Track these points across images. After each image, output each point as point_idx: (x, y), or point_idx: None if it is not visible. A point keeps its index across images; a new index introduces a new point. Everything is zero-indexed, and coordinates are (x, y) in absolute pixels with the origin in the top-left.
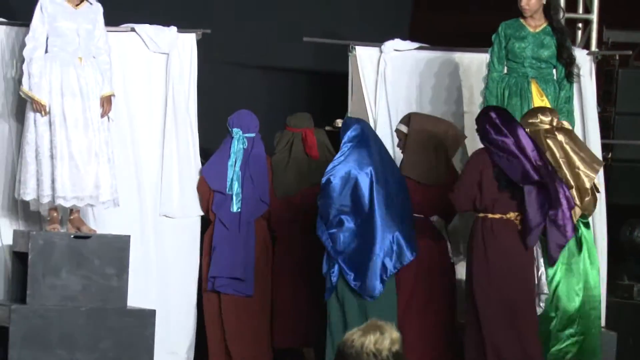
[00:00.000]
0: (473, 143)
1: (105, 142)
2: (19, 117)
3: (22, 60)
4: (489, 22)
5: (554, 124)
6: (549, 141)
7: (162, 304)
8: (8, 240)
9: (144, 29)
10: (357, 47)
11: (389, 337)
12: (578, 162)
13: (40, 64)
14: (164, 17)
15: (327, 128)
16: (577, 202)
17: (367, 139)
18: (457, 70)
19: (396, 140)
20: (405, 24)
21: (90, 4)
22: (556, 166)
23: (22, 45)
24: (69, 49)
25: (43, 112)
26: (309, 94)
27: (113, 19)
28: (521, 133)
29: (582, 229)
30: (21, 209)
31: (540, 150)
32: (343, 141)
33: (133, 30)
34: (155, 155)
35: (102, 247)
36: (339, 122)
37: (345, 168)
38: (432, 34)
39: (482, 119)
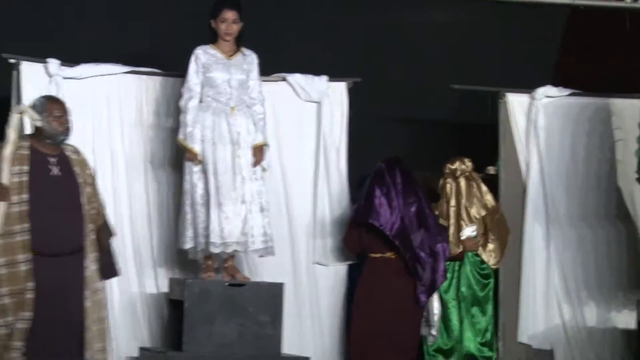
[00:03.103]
0: (628, 188)
1: (257, 191)
2: (176, 167)
3: (178, 111)
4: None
5: (457, 174)
6: (447, 187)
7: (316, 351)
8: (164, 288)
9: (295, 78)
10: (507, 95)
11: None
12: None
13: (193, 114)
14: (315, 66)
15: (479, 175)
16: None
17: None
18: (611, 116)
19: (546, 185)
20: (551, 70)
21: (244, 55)
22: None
23: (178, 95)
24: (222, 98)
25: (195, 161)
26: (458, 141)
27: (264, 68)
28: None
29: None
30: (177, 258)
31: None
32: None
33: (284, 79)
34: (307, 203)
35: (256, 295)
36: (491, 170)
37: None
38: (578, 79)
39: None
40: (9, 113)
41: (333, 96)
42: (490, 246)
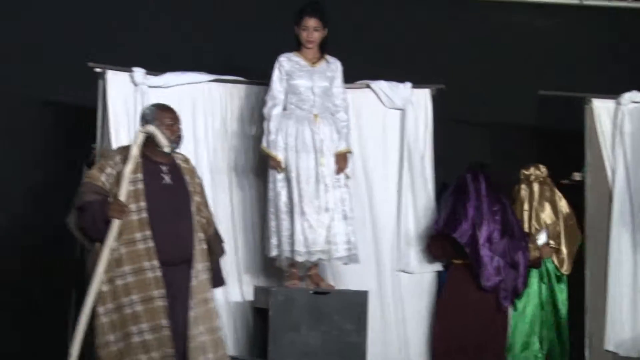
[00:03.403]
0: None
1: (341, 199)
2: (260, 174)
3: (262, 119)
4: None
5: (531, 179)
6: (522, 192)
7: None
8: (249, 296)
9: (378, 85)
10: (593, 100)
11: None
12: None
13: (277, 121)
14: (399, 73)
15: (564, 182)
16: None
17: None
18: None
19: (632, 191)
20: (637, 74)
21: (328, 62)
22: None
23: (262, 103)
24: (305, 106)
25: (279, 169)
26: (543, 147)
27: (348, 75)
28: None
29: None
30: (261, 265)
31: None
32: None
33: (368, 86)
34: (392, 210)
35: (341, 303)
36: (577, 176)
37: None
38: None
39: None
40: (95, 122)
41: (417, 103)
42: (565, 251)
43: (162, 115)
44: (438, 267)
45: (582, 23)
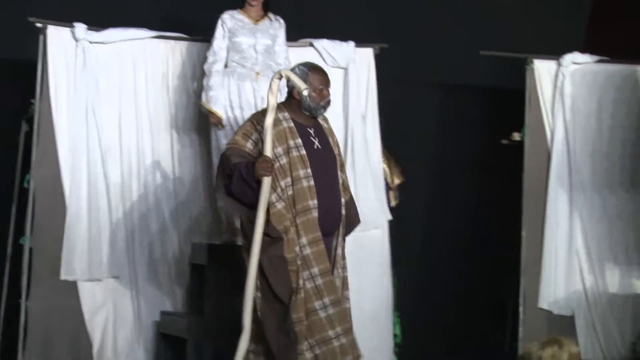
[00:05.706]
0: None
1: None
2: (201, 129)
3: (203, 75)
4: None
5: None
6: None
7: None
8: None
9: (321, 43)
10: (535, 61)
11: (567, 352)
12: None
13: (218, 78)
14: (342, 31)
15: (504, 142)
16: None
17: None
18: (638, 84)
19: (571, 152)
20: (581, 37)
21: (271, 20)
22: None
23: (204, 60)
24: (247, 64)
25: (219, 126)
26: (484, 107)
27: (291, 34)
28: None
29: None
30: (206, 222)
31: None
32: None
33: (311, 45)
34: None
35: None
36: (516, 136)
37: None
38: (608, 46)
39: None
40: (36, 78)
41: (360, 62)
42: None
43: (313, 78)
44: (380, 222)
45: None
